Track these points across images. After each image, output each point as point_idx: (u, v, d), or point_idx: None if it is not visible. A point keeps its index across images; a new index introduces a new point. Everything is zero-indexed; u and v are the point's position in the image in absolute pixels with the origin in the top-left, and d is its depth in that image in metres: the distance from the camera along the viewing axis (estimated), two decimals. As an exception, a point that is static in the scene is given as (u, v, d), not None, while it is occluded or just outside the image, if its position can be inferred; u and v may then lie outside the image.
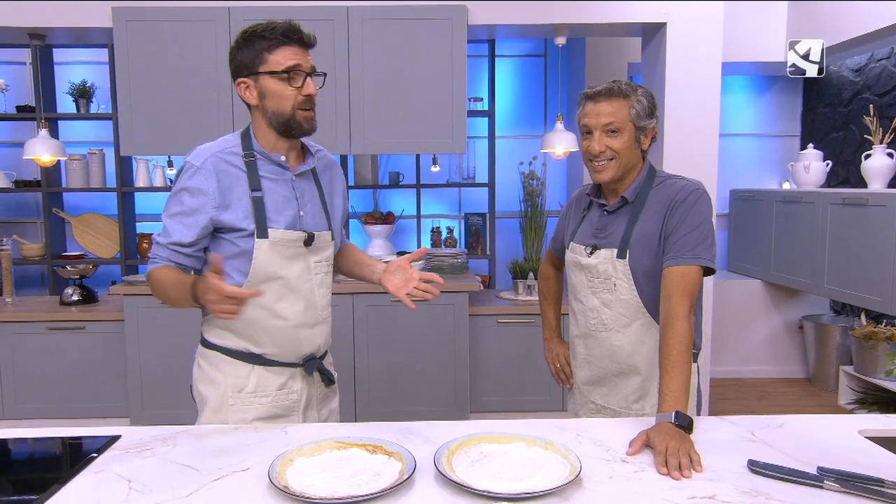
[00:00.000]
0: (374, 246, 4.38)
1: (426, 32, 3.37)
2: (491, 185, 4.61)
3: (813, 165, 4.41)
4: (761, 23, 4.37)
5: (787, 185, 5.08)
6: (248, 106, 1.62)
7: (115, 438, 1.47)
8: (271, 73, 1.54)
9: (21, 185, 4.32)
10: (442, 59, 3.38)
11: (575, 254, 1.78)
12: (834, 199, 3.93)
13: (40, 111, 4.02)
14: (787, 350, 4.90)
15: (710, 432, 1.48)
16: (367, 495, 1.16)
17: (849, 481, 1.18)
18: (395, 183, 4.57)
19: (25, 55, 4.41)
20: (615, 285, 1.68)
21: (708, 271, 1.62)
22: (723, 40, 3.92)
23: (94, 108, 4.30)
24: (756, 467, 1.24)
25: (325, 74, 1.64)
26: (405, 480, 1.20)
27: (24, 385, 3.47)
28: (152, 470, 1.31)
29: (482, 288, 4.47)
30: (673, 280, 1.57)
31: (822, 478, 1.19)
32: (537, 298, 3.73)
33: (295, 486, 1.20)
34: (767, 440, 1.42)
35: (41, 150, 3.48)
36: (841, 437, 1.45)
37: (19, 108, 4.27)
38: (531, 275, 3.78)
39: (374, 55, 3.38)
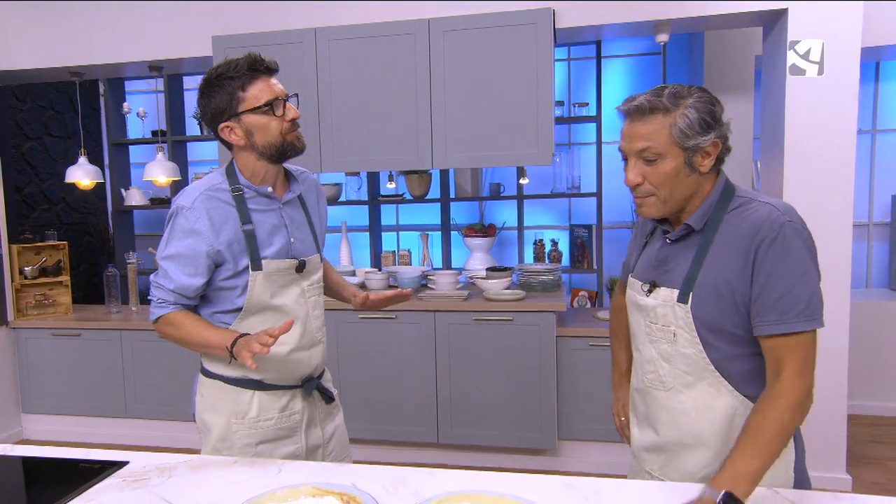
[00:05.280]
0: (475, 259, 4.27)
1: (509, 40, 3.21)
2: (598, 194, 4.33)
3: None
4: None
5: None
6: (229, 146, 1.62)
7: (122, 465, 1.50)
8: (252, 109, 1.54)
9: (155, 202, 4.76)
10: (527, 66, 3.21)
11: (633, 290, 1.45)
12: None
13: (168, 135, 4.40)
14: (966, 385, 4.10)
15: (754, 511, 1.20)
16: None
17: None
18: (496, 194, 4.44)
19: (162, 85, 4.85)
20: (675, 335, 1.34)
21: None
22: (879, 20, 3.37)
23: (215, 130, 4.62)
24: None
25: (297, 95, 1.62)
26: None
27: (142, 387, 3.78)
28: (135, 503, 1.31)
29: (578, 304, 4.23)
30: (784, 353, 1.23)
31: None
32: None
33: (249, 536, 1.14)
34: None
35: (157, 172, 3.79)
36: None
37: (154, 133, 4.70)
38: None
39: (455, 67, 3.28)
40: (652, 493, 1.30)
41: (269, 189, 1.63)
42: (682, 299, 1.31)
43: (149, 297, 1.65)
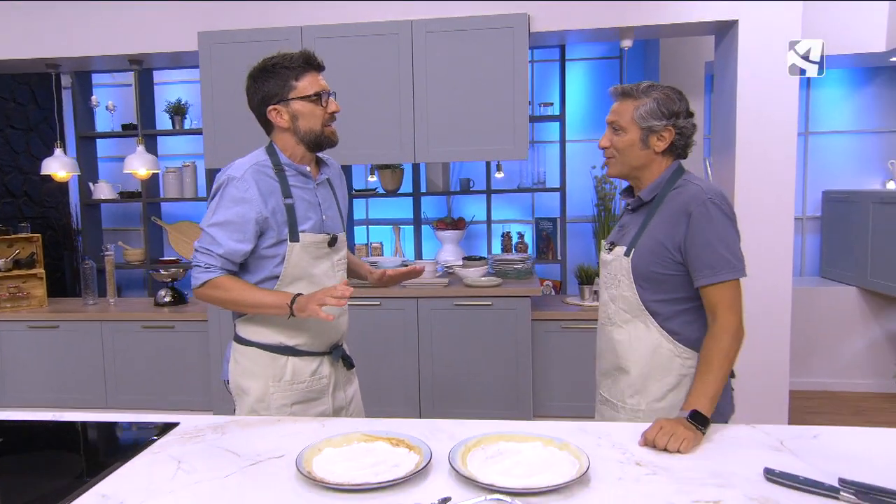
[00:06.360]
0: (445, 251, 4.47)
1: (488, 42, 3.43)
2: (562, 189, 4.60)
3: (914, 163, 4.09)
4: (859, 13, 4.09)
5: (891, 185, 4.73)
6: (272, 127, 1.79)
7: (174, 425, 1.63)
8: (302, 97, 1.73)
9: (125, 195, 4.76)
10: (504, 67, 3.43)
11: (602, 250, 1.85)
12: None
13: (140, 129, 4.43)
14: (889, 362, 4.56)
15: (737, 439, 1.45)
16: (381, 483, 1.24)
17: (868, 493, 1.13)
18: (466, 189, 4.65)
19: (130, 78, 4.85)
20: (619, 281, 1.73)
21: None
22: (813, 33, 3.74)
23: (187, 125, 4.67)
24: (771, 475, 1.22)
25: (335, 93, 1.82)
26: (419, 471, 1.28)
27: (123, 378, 3.81)
28: (200, 453, 1.45)
29: (543, 293, 4.48)
30: (716, 298, 1.59)
31: (839, 489, 1.15)
32: (604, 304, 3.71)
33: (318, 472, 1.30)
34: (796, 450, 1.38)
35: (138, 165, 3.83)
36: (888, 453, 1.37)
37: (124, 127, 4.70)
38: (597, 280, 3.75)
39: (437, 66, 3.48)
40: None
41: (308, 169, 1.81)
42: (627, 253, 1.70)
43: (193, 263, 1.76)
